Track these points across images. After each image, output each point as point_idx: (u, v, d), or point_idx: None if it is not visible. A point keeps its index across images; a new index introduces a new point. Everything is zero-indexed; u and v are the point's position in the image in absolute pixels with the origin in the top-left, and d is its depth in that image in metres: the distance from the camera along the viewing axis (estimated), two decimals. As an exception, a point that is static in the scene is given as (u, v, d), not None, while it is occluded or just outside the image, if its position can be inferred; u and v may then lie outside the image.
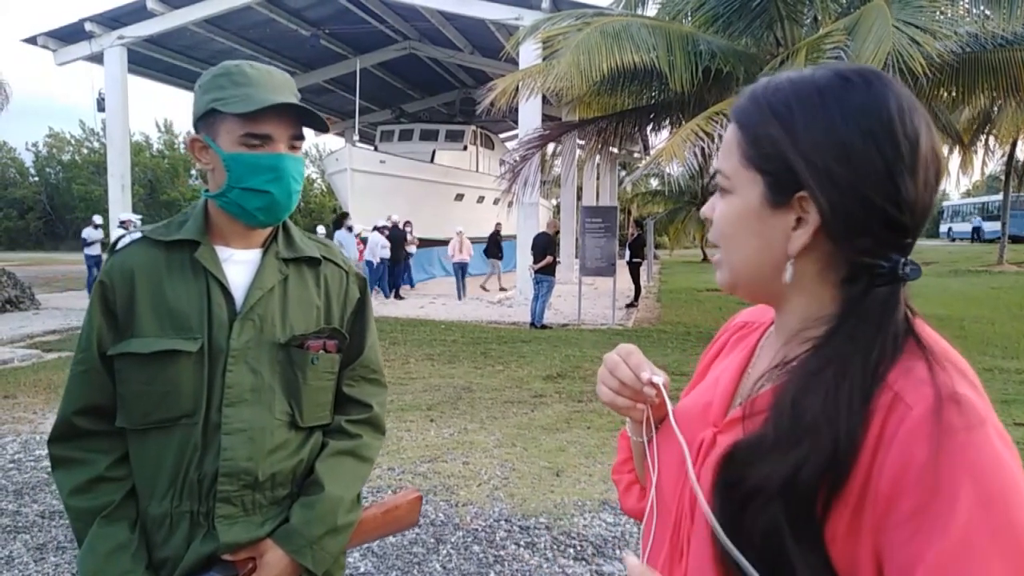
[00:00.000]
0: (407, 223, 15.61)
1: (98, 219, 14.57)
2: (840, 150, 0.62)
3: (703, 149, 6.66)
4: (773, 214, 0.67)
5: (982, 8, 7.62)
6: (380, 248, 14.19)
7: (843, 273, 0.66)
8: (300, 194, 1.26)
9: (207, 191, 1.25)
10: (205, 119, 1.20)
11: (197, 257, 1.21)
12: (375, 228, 14.33)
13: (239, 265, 1.25)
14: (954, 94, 7.71)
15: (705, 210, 0.76)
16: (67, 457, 1.20)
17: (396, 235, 14.43)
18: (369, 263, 13.90)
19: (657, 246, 30.00)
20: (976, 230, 35.46)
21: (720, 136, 6.68)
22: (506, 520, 3.51)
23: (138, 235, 1.25)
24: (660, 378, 0.77)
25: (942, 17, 6.79)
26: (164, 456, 1.18)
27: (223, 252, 1.25)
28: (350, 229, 13.74)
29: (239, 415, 1.19)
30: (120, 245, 1.25)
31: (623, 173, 30.72)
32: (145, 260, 1.21)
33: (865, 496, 0.58)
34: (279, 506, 1.25)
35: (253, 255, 1.27)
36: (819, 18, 8.69)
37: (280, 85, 1.21)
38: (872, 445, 0.58)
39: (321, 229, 16.03)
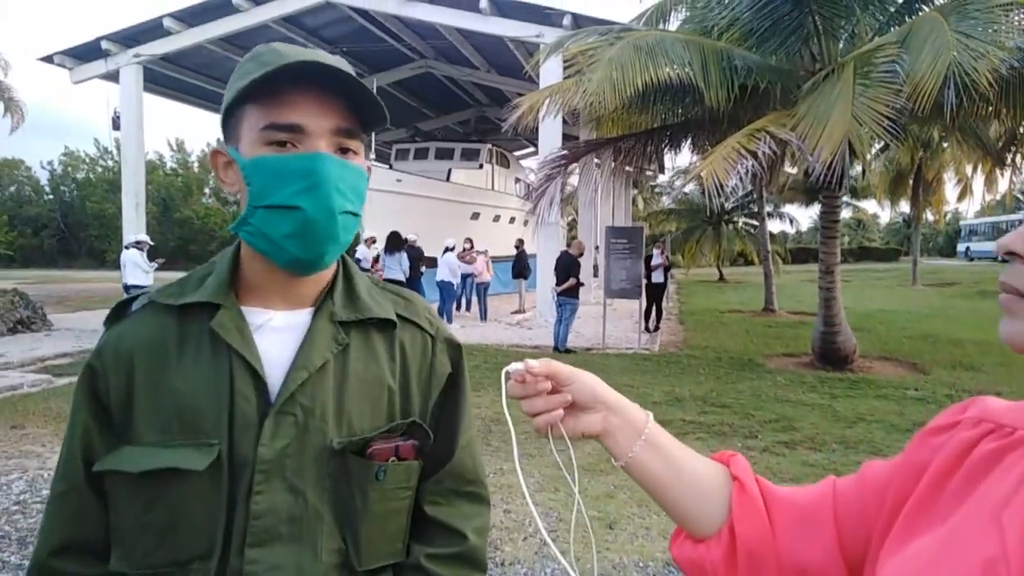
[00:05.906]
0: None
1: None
2: None
3: (748, 168, 6.33)
4: None
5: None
6: (459, 268, 14.06)
7: None
8: (359, 221, 0.88)
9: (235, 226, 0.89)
10: (228, 122, 0.86)
11: (215, 327, 0.85)
12: (447, 249, 14.10)
13: (278, 334, 0.88)
14: (1005, 112, 7.33)
15: (1012, 242, 0.53)
16: None
17: (413, 254, 14.19)
18: (450, 284, 13.77)
19: (672, 265, 29.54)
20: None
21: (764, 153, 6.37)
22: (560, 582, 3.15)
23: (145, 299, 0.90)
24: (522, 365, 0.73)
25: (999, 29, 6.46)
26: None
27: (256, 316, 0.88)
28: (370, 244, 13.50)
29: (270, 557, 0.83)
30: (120, 314, 0.90)
31: (635, 191, 30.48)
32: (149, 335, 0.87)
33: None
34: None
35: (299, 318, 0.90)
36: (856, 33, 8.42)
37: (320, 57, 0.85)
38: None
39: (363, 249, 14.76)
